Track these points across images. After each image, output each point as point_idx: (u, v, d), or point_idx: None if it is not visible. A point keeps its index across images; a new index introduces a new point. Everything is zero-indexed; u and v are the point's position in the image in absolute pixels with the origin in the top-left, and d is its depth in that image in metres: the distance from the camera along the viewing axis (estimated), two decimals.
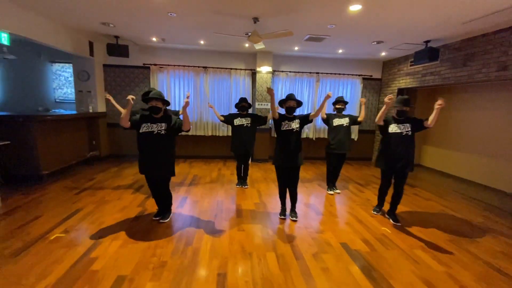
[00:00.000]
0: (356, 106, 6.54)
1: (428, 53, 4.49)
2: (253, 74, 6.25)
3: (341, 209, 3.65)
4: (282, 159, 3.02)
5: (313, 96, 6.46)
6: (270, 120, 6.41)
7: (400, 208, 3.66)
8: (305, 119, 2.99)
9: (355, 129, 6.64)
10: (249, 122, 4.04)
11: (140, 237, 2.66)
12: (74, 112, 5.36)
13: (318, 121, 6.47)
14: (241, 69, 6.16)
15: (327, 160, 4.19)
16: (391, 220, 3.24)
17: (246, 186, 4.34)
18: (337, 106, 4.05)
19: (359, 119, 4.00)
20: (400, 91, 6.05)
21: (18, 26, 3.58)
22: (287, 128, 2.97)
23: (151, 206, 3.41)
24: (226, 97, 6.23)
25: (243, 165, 4.30)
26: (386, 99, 2.83)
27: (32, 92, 6.02)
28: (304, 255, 2.46)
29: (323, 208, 3.64)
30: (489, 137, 4.94)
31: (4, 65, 5.78)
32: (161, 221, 2.97)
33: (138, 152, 2.75)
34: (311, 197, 4.09)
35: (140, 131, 2.67)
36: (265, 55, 6.02)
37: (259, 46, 4.18)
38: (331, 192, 4.23)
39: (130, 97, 2.56)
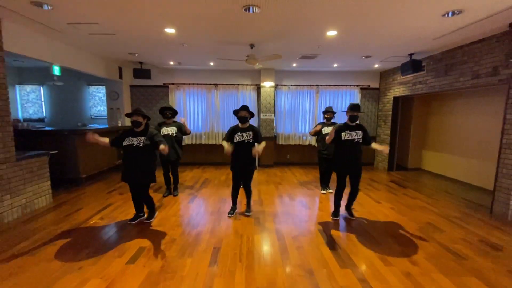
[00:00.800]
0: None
1: (412, 65, 4.94)
2: (258, 88, 6.96)
3: (327, 204, 4.14)
4: (236, 165, 3.49)
5: (314, 107, 7.01)
6: (274, 129, 7.05)
7: (385, 206, 4.08)
8: (256, 135, 3.39)
9: None
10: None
11: (156, 223, 3.36)
12: (106, 126, 6.35)
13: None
14: (247, 85, 6.91)
15: (319, 163, 4.70)
16: (347, 215, 3.59)
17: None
18: (326, 116, 4.57)
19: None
20: (396, 99, 6.45)
21: (66, 59, 4.59)
22: (239, 140, 3.36)
23: (168, 201, 4.13)
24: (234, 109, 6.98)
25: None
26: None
27: (72, 110, 7.16)
28: (285, 237, 3.02)
29: (312, 204, 4.15)
30: (479, 140, 5.20)
31: (51, 89, 6.99)
32: (145, 220, 3.36)
33: (122, 162, 3.19)
34: (304, 195, 4.60)
35: (123, 144, 3.06)
36: (268, 71, 6.73)
37: (258, 66, 4.88)
38: (324, 192, 4.71)
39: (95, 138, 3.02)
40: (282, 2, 2.80)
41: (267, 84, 6.80)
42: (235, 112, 3.47)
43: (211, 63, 6.12)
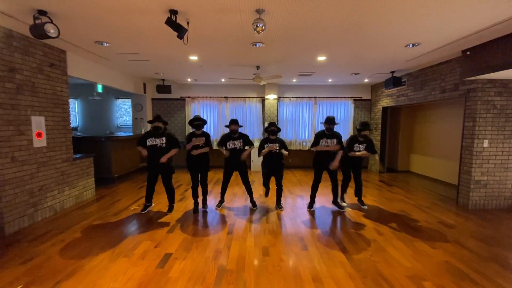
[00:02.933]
0: (350, 125, 7.87)
1: (393, 81, 5.84)
2: (263, 100, 7.93)
3: (323, 199, 4.98)
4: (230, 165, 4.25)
5: (312, 116, 7.92)
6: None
7: (369, 199, 4.90)
8: (247, 140, 4.23)
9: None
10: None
11: (181, 207, 4.26)
12: (131, 134, 7.35)
13: None
14: (253, 97, 7.89)
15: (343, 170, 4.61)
16: (337, 208, 4.34)
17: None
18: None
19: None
20: (384, 109, 7.32)
21: (107, 79, 5.63)
22: (232, 147, 4.13)
23: (188, 194, 5.04)
24: (242, 119, 7.93)
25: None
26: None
27: (102, 120, 8.22)
28: (285, 219, 3.88)
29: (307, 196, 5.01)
30: (450, 143, 6.01)
31: (84, 101, 8.09)
32: (167, 212, 4.06)
33: (147, 159, 3.98)
34: (302, 191, 5.45)
35: (148, 144, 3.90)
36: (272, 85, 7.70)
37: (262, 83, 5.84)
38: (345, 205, 4.59)
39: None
40: (282, 40, 3.76)
41: (271, 97, 7.76)
42: (228, 126, 4.21)
43: (223, 80, 7.13)
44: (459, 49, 4.21)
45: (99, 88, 5.44)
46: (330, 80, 7.22)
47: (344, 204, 4.41)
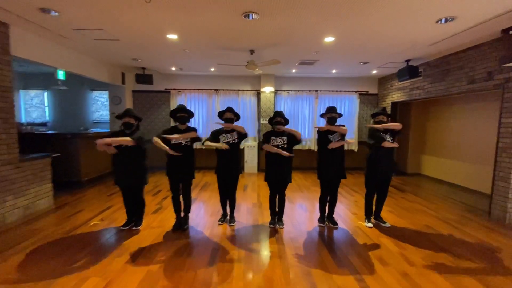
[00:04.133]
0: (355, 122, 7.08)
1: (408, 71, 5.04)
2: (258, 94, 7.07)
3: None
4: (222, 169, 3.36)
5: (313, 112, 7.09)
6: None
7: (384, 209, 4.07)
8: (242, 136, 3.33)
9: (354, 142, 7.12)
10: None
11: (156, 224, 3.40)
12: (108, 130, 6.43)
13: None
14: (247, 90, 7.02)
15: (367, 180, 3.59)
16: (330, 224, 3.44)
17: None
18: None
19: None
20: (394, 105, 6.53)
21: (70, 64, 4.70)
22: (225, 141, 3.28)
23: (167, 204, 4.17)
24: None
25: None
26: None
27: (75, 114, 7.26)
28: (286, 241, 3.05)
29: (312, 207, 4.18)
30: (475, 144, 5.25)
31: (54, 92, 7.12)
32: (134, 228, 3.23)
33: (112, 165, 3.14)
34: (304, 199, 4.63)
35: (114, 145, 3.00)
36: (268, 77, 6.84)
37: (257, 72, 4.99)
38: (370, 225, 3.50)
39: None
40: (281, 7, 2.91)
41: (267, 90, 6.91)
42: (220, 114, 3.40)
43: (212, 69, 6.24)
44: (498, 28, 3.42)
45: (60, 75, 4.52)
46: (334, 71, 6.39)
47: (369, 224, 3.49)
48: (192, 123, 7.01)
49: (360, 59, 5.21)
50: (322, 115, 3.40)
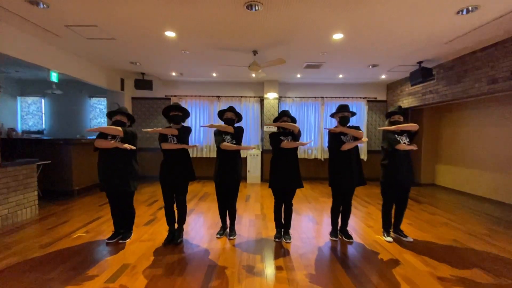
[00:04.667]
0: (363, 129, 6.73)
1: (421, 72, 4.73)
2: (261, 100, 6.80)
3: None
4: (220, 175, 2.97)
5: (319, 119, 6.78)
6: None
7: (403, 222, 3.66)
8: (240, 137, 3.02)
9: (363, 149, 6.75)
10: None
11: (146, 238, 3.01)
12: None
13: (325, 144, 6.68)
14: (250, 97, 6.76)
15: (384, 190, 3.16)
16: (343, 238, 3.05)
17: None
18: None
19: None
20: (404, 111, 6.18)
21: (65, 66, 4.49)
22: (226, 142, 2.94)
23: (162, 215, 3.79)
24: None
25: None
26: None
27: (73, 122, 7.03)
28: (293, 259, 2.63)
29: (321, 219, 3.77)
30: (496, 152, 4.84)
31: (51, 99, 6.93)
32: (120, 241, 2.86)
33: (98, 166, 2.79)
34: (311, 209, 4.22)
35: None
36: (272, 83, 6.60)
37: (260, 74, 4.73)
38: (390, 240, 3.05)
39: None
40: None
41: (271, 96, 6.65)
42: (221, 113, 3.12)
43: (214, 74, 6.02)
44: None
45: (54, 77, 4.30)
46: (340, 76, 6.13)
47: (389, 238, 3.05)
48: (194, 130, 6.74)
49: (369, 62, 4.94)
50: (332, 115, 3.07)
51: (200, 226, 3.44)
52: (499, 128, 4.85)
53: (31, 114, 6.81)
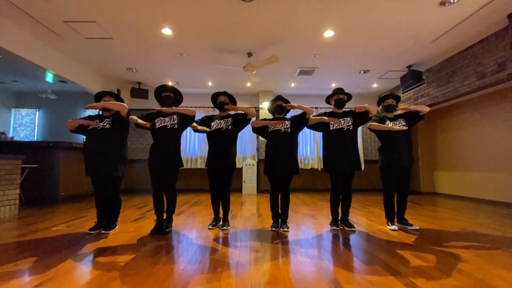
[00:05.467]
0: (359, 140, 6.72)
1: (412, 75, 4.88)
2: (257, 111, 6.85)
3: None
4: (212, 159, 2.88)
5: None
6: None
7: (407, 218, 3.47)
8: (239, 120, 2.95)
9: (360, 160, 6.65)
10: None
11: (131, 228, 2.77)
12: None
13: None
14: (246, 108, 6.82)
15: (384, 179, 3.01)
16: (345, 227, 2.86)
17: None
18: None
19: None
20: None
21: (62, 68, 4.53)
22: (217, 127, 2.89)
23: (150, 214, 3.55)
24: None
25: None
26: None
27: (65, 134, 6.90)
28: (293, 249, 2.42)
29: (320, 216, 3.56)
30: (496, 152, 4.80)
31: (46, 111, 6.90)
32: (103, 231, 2.64)
33: (83, 152, 2.69)
34: (309, 209, 4.00)
35: (89, 128, 2.65)
36: (267, 93, 6.71)
37: (255, 78, 4.82)
38: (395, 228, 2.88)
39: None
40: None
41: (266, 105, 6.70)
42: (214, 97, 3.00)
43: (210, 83, 6.13)
44: (504, 13, 3.31)
45: (49, 78, 4.31)
46: (333, 85, 6.27)
47: (393, 227, 2.85)
48: (188, 141, 6.67)
49: (360, 66, 5.09)
50: (327, 99, 3.06)
51: (191, 221, 3.20)
52: (494, 128, 4.87)
53: (24, 126, 6.72)
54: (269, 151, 2.85)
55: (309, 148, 6.75)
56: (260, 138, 6.58)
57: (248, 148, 6.72)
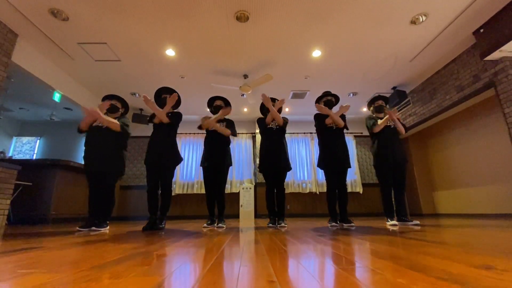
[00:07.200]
0: (354, 163, 6.79)
1: (397, 94, 5.22)
2: (253, 137, 7.05)
3: None
4: (207, 159, 2.99)
5: (311, 153, 6.90)
6: None
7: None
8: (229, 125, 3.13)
9: (358, 182, 6.64)
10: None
11: (127, 229, 2.67)
12: None
13: (320, 175, 6.62)
14: (243, 133, 7.03)
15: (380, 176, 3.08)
16: (344, 225, 2.81)
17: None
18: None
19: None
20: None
21: (69, 90, 4.82)
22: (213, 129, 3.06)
23: (145, 223, 3.42)
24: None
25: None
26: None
27: (69, 157, 6.94)
28: (290, 249, 2.34)
29: (319, 224, 3.44)
30: (492, 164, 4.87)
31: (47, 140, 7.02)
32: (94, 228, 2.59)
33: (85, 148, 2.72)
34: (308, 223, 3.87)
35: (93, 125, 2.71)
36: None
37: (252, 99, 5.12)
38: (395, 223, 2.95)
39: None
40: (270, 8, 3.23)
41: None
42: (211, 100, 3.24)
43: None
44: (469, 30, 3.75)
45: (56, 97, 4.56)
46: None
47: (393, 222, 2.81)
48: (186, 166, 6.69)
49: (349, 89, 5.47)
50: (317, 101, 3.29)
51: (185, 224, 3.08)
52: (484, 140, 5.01)
53: (23, 153, 6.77)
54: (264, 149, 2.95)
55: (306, 171, 6.76)
56: (257, 161, 6.64)
57: (245, 173, 6.72)
